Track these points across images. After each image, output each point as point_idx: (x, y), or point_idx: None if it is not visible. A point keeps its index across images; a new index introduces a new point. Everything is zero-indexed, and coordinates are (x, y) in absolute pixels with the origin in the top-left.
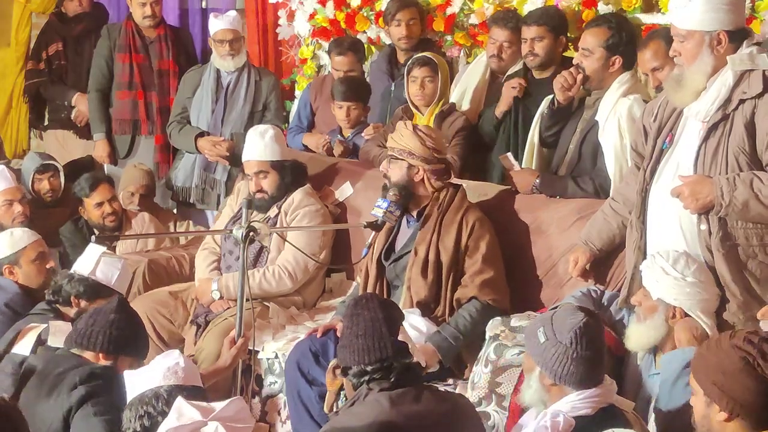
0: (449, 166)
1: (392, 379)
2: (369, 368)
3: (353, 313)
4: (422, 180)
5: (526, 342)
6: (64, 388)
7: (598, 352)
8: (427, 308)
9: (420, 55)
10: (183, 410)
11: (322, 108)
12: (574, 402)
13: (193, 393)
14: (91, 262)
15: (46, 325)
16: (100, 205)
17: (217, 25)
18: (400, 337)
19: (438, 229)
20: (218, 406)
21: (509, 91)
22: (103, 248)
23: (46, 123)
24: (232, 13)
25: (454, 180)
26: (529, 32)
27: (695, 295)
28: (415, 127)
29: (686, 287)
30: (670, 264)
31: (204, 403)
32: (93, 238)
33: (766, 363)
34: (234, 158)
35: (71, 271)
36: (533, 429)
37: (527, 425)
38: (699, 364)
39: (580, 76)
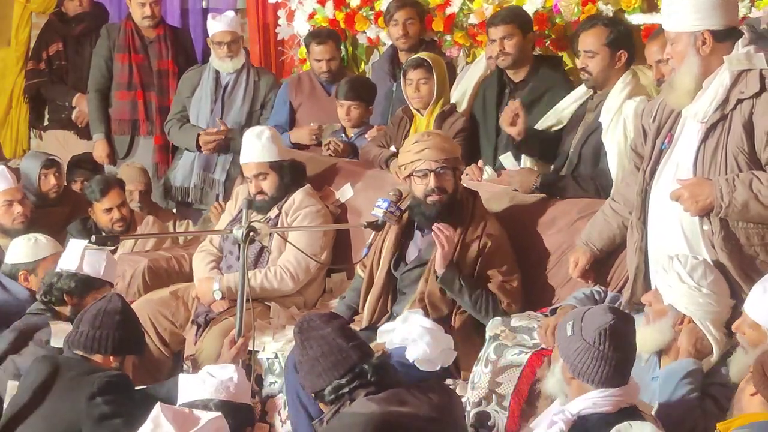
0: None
1: (372, 380)
2: (343, 381)
3: (301, 339)
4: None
5: (557, 332)
6: (79, 393)
7: (623, 355)
8: (443, 322)
9: (414, 56)
10: (160, 422)
11: (305, 104)
12: (596, 399)
13: (241, 410)
14: (76, 257)
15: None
16: (109, 210)
17: (215, 26)
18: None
19: (459, 243)
20: (202, 418)
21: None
22: (85, 242)
23: (46, 123)
24: (230, 14)
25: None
26: (497, 32)
27: (707, 306)
28: (437, 132)
29: (699, 298)
30: (687, 271)
31: (187, 411)
32: (93, 238)
33: None
34: (232, 145)
35: (57, 269)
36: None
37: (543, 421)
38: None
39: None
